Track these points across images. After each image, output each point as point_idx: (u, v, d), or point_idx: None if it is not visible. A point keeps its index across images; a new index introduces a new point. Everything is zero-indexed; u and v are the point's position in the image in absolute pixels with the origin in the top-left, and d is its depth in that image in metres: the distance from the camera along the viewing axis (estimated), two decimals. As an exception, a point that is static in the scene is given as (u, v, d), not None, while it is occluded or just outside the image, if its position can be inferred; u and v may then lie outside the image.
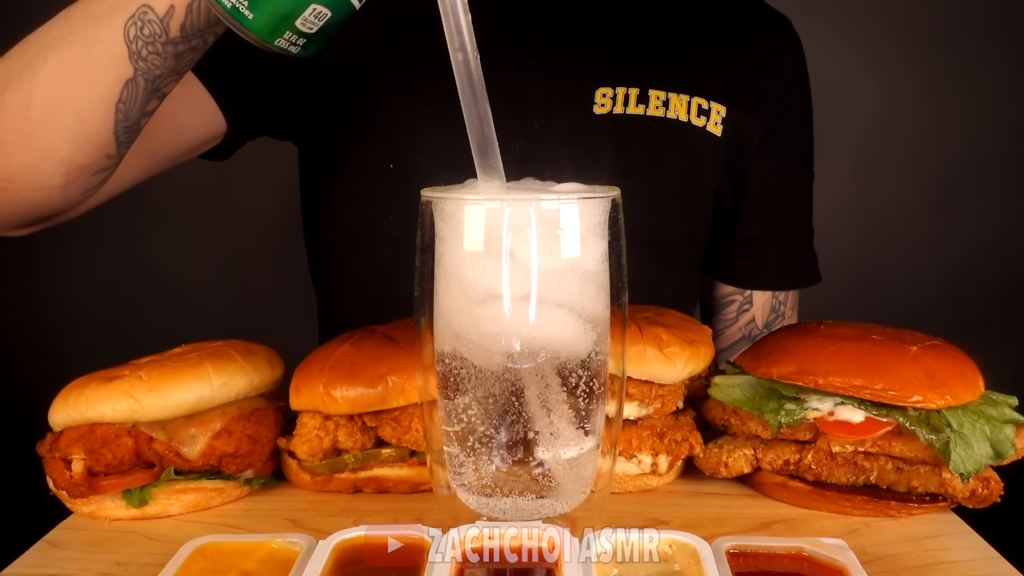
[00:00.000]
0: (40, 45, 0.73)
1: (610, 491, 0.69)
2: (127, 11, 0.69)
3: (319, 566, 0.55)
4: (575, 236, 0.53)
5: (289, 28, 0.56)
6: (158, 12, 0.68)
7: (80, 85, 0.72)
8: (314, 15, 0.55)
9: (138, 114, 0.75)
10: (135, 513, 0.73)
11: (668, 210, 1.06)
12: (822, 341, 0.74)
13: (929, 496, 0.72)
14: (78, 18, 0.72)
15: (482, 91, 0.52)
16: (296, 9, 0.55)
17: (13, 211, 0.80)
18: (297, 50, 0.58)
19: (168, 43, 0.70)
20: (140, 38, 0.69)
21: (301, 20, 0.55)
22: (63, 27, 0.72)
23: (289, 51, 0.58)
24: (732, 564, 0.57)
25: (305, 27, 0.56)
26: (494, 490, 0.58)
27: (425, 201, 0.56)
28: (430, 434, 0.61)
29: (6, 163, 0.76)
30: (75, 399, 0.71)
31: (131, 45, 0.70)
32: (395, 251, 0.99)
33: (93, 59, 0.71)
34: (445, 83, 0.54)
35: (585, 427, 0.57)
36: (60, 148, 0.74)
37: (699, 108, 1.01)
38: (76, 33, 0.71)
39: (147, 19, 0.69)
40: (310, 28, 0.56)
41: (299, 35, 0.56)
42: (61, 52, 0.72)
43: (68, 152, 0.74)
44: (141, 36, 0.69)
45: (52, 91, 0.72)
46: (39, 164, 0.75)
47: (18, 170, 0.76)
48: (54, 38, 0.72)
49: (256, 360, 0.77)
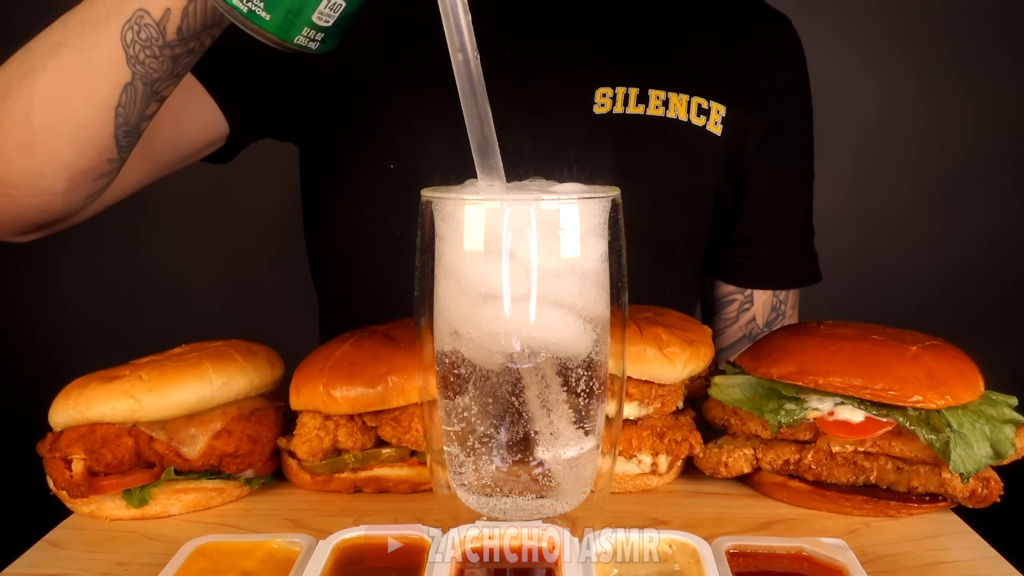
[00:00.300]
0: (39, 51, 0.74)
1: (610, 491, 0.69)
2: (123, 15, 0.69)
3: (319, 566, 0.55)
4: (575, 236, 0.53)
5: (306, 24, 0.55)
6: (154, 16, 0.68)
7: (79, 90, 0.72)
8: (329, 7, 0.55)
9: (138, 118, 0.75)
10: (135, 513, 0.73)
11: (668, 210, 1.06)
12: (822, 341, 0.74)
13: (929, 496, 0.72)
14: (76, 23, 0.72)
15: (482, 91, 0.53)
16: (311, 3, 0.55)
17: (17, 217, 0.81)
18: (316, 46, 0.57)
19: (165, 46, 0.70)
20: (137, 42, 0.70)
21: (317, 14, 0.55)
22: (61, 33, 0.73)
23: (308, 48, 0.57)
24: (732, 564, 0.57)
25: (322, 21, 0.55)
26: (494, 490, 0.58)
27: (425, 201, 0.56)
28: (430, 434, 0.61)
29: (9, 169, 0.76)
30: (75, 399, 0.71)
31: (128, 49, 0.70)
32: (396, 251, 0.99)
33: (91, 64, 0.71)
34: (445, 84, 0.54)
35: (585, 427, 0.57)
36: (62, 153, 0.75)
37: (699, 108, 1.02)
38: (74, 39, 0.72)
39: (143, 23, 0.69)
40: (326, 21, 0.55)
41: (316, 30, 0.56)
42: (60, 58, 0.72)
43: (70, 157, 0.75)
44: (138, 40, 0.69)
45: (52, 97, 0.73)
46: (41, 169, 0.76)
47: (21, 176, 0.76)
48: (52, 44, 0.73)
49: (256, 360, 0.77)
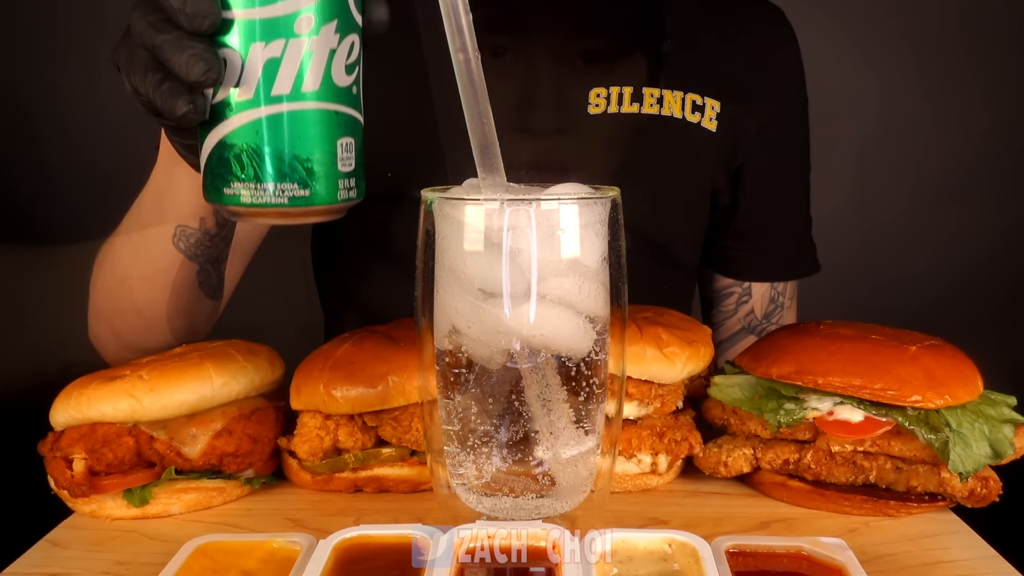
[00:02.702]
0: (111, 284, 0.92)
1: (610, 491, 0.69)
2: (168, 233, 0.84)
3: (319, 565, 0.55)
4: (575, 236, 0.54)
5: (339, 176, 0.54)
6: (193, 225, 0.83)
7: (166, 292, 0.88)
8: (344, 149, 0.54)
9: (218, 277, 0.90)
10: (136, 512, 0.73)
11: (666, 208, 1.06)
12: (821, 341, 0.74)
13: (928, 495, 0.72)
14: (130, 258, 0.88)
15: (483, 91, 0.53)
16: (334, 153, 0.53)
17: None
18: (355, 193, 0.56)
19: (214, 236, 0.85)
20: (189, 246, 0.85)
21: (341, 161, 0.54)
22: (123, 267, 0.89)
23: (351, 198, 0.55)
24: (731, 563, 0.57)
25: (345, 167, 0.54)
26: (494, 490, 0.58)
27: (425, 201, 0.56)
28: (430, 434, 0.61)
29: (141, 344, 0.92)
30: (76, 399, 0.71)
31: (186, 252, 0.85)
32: (398, 255, 0.99)
33: (164, 273, 0.86)
34: (436, 90, 0.54)
35: (585, 427, 0.57)
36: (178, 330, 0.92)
37: (693, 104, 1.02)
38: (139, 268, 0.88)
39: (186, 232, 0.84)
40: (350, 166, 0.54)
41: (347, 177, 0.54)
42: (141, 282, 0.88)
43: (182, 325, 0.92)
44: (189, 244, 0.84)
45: (152, 298, 0.89)
46: (168, 340, 0.91)
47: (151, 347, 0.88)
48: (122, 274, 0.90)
49: (257, 360, 0.77)
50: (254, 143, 0.51)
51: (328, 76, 0.52)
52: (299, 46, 0.50)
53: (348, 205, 0.56)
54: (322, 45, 0.51)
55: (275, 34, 0.50)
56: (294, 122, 0.51)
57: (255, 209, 0.53)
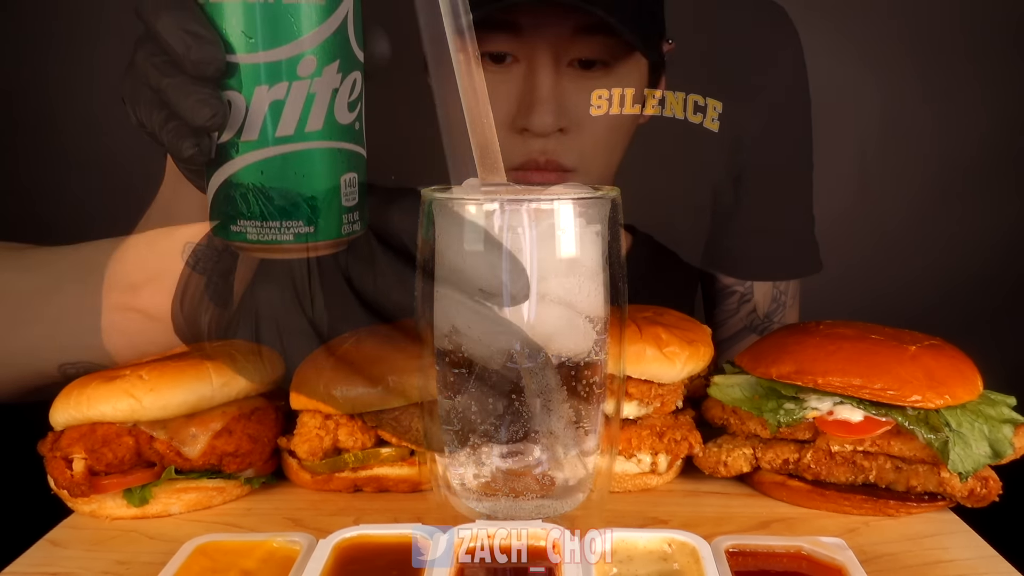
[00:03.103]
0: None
1: (609, 491, 0.69)
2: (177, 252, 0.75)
3: (319, 565, 0.55)
4: (574, 236, 0.54)
5: (343, 211, 0.55)
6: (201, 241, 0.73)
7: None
8: (348, 184, 0.55)
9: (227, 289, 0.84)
10: (136, 512, 0.73)
11: (668, 209, 1.06)
12: (821, 341, 0.75)
13: (928, 495, 0.72)
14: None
15: (483, 91, 0.53)
16: (338, 189, 0.54)
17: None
18: (359, 226, 0.57)
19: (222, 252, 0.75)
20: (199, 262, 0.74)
21: (344, 196, 0.54)
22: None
23: (355, 231, 0.56)
24: (731, 563, 0.57)
25: (349, 201, 0.55)
26: (494, 490, 0.58)
27: (425, 201, 0.56)
28: (430, 434, 0.61)
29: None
30: (76, 398, 0.71)
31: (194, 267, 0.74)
32: None
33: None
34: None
35: (585, 426, 0.57)
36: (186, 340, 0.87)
37: (695, 105, 1.02)
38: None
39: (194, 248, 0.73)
40: (353, 200, 0.55)
41: (351, 211, 0.55)
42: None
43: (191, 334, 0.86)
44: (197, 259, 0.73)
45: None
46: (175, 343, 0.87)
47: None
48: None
49: (257, 360, 0.77)
50: (259, 183, 0.52)
51: (331, 115, 0.52)
52: (302, 88, 0.51)
53: (351, 238, 0.56)
54: (325, 85, 0.51)
55: (279, 77, 0.50)
56: (299, 162, 0.52)
57: (261, 246, 0.54)
